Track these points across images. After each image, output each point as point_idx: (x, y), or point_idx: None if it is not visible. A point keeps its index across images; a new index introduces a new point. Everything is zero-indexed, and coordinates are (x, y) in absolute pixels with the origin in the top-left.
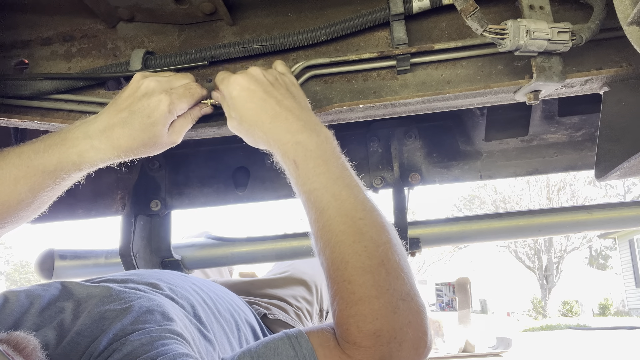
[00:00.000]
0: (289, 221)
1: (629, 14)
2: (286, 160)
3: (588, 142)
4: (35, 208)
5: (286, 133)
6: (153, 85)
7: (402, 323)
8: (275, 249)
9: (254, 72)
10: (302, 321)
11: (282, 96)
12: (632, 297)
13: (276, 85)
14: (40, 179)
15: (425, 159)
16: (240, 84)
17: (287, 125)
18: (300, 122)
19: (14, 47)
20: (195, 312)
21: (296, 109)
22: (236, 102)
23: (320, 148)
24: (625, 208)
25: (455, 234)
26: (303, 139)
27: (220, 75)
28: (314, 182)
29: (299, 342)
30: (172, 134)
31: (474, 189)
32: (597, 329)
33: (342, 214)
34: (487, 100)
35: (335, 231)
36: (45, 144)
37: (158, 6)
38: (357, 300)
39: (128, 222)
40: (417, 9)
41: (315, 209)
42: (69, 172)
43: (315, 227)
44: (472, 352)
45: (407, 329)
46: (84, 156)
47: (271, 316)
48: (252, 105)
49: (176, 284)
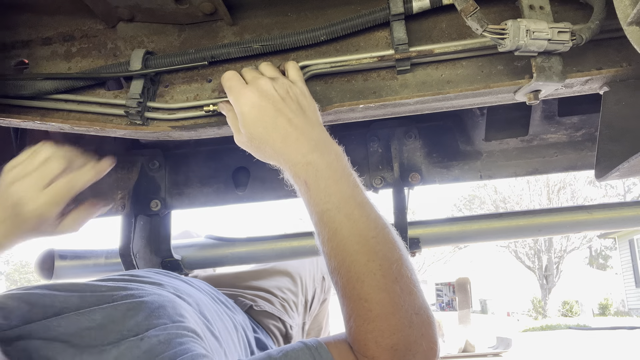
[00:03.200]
0: (289, 221)
1: (629, 14)
2: (297, 180)
3: (588, 142)
4: None
5: (297, 154)
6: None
7: (416, 336)
8: (275, 249)
9: (265, 86)
10: (287, 312)
11: (293, 114)
12: (632, 297)
13: (287, 101)
14: None
15: (425, 159)
16: (251, 100)
17: (298, 145)
18: (312, 143)
19: (14, 47)
20: (201, 309)
21: (307, 127)
22: (246, 120)
23: (331, 167)
24: (625, 208)
25: (455, 234)
26: (314, 160)
27: (228, 82)
28: (326, 202)
29: (319, 353)
30: (63, 228)
31: (474, 189)
32: (597, 329)
33: (355, 233)
34: (487, 100)
35: (350, 251)
36: None
37: (158, 6)
38: (374, 317)
39: (128, 222)
40: (417, 9)
41: (328, 229)
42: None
43: (328, 247)
44: (472, 352)
45: (421, 341)
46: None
47: (257, 308)
48: (263, 125)
49: (176, 283)
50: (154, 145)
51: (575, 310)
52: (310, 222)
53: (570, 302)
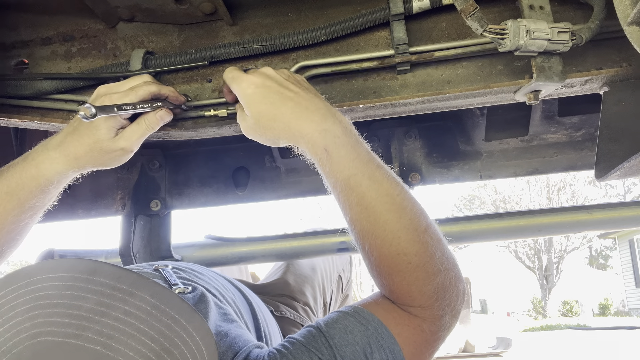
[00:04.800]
0: (289, 221)
1: (629, 14)
2: (316, 149)
3: (588, 142)
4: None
5: (310, 122)
6: (99, 91)
7: (450, 278)
8: (275, 249)
9: (267, 71)
10: (309, 317)
11: (297, 88)
12: (632, 297)
13: (290, 80)
14: (5, 202)
15: (425, 159)
16: (255, 82)
17: (309, 114)
18: (322, 111)
19: (14, 47)
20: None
21: (313, 99)
22: (253, 100)
23: (346, 134)
24: (625, 208)
25: (455, 234)
26: (329, 127)
27: (229, 74)
28: (350, 168)
29: (364, 317)
30: (119, 140)
31: (474, 189)
32: (597, 329)
33: (383, 194)
34: (487, 100)
35: (381, 210)
36: (9, 166)
37: (158, 6)
38: (414, 268)
39: (128, 222)
40: (417, 9)
41: (355, 193)
42: (30, 189)
43: (356, 211)
44: (472, 352)
45: (455, 281)
46: (40, 167)
47: (277, 314)
48: (270, 100)
49: (201, 271)
50: (154, 145)
51: (575, 310)
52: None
53: (570, 302)
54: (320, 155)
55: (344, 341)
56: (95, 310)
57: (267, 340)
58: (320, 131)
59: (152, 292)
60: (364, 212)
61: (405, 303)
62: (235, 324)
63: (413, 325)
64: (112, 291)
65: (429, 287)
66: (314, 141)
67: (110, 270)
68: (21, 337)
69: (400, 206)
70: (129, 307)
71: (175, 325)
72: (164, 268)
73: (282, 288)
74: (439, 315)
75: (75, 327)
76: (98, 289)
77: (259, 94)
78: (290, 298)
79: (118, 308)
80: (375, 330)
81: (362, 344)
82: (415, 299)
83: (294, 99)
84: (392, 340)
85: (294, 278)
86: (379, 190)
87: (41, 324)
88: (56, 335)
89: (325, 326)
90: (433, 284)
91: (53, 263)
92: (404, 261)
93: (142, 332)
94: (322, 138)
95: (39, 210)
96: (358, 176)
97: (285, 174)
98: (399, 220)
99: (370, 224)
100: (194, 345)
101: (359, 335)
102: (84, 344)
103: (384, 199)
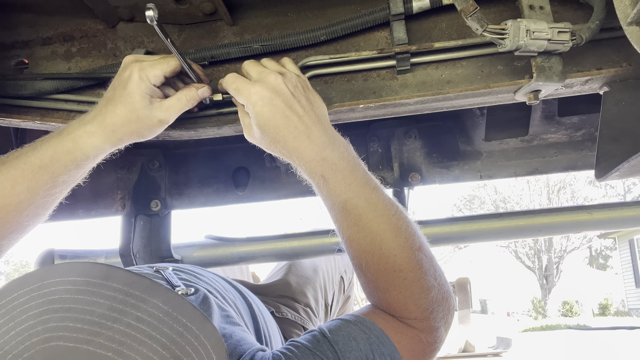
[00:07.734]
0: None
1: (629, 14)
2: (313, 175)
3: (588, 142)
4: (36, 213)
5: (310, 151)
6: (129, 59)
7: (441, 292)
8: (275, 249)
9: (275, 82)
10: (310, 319)
11: (303, 110)
12: (632, 297)
13: (297, 96)
14: (38, 175)
15: (425, 159)
16: (263, 98)
17: (310, 143)
18: (323, 139)
19: (14, 47)
20: (225, 299)
21: (317, 124)
22: (259, 120)
23: (344, 159)
24: (625, 208)
25: (455, 234)
26: (327, 155)
27: (233, 84)
28: (346, 192)
29: (366, 325)
30: (157, 110)
31: (474, 189)
32: (597, 329)
33: (379, 215)
34: (487, 100)
35: (378, 231)
36: (42, 139)
37: (158, 6)
38: (409, 283)
39: (128, 222)
40: (417, 9)
41: (352, 215)
42: (65, 163)
43: (353, 231)
44: (472, 352)
45: (446, 295)
46: (78, 141)
47: (279, 314)
48: (275, 124)
49: (200, 272)
50: (154, 145)
51: (575, 310)
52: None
53: (570, 302)
54: (318, 181)
55: (348, 347)
56: (107, 316)
57: (267, 342)
58: (318, 160)
59: (165, 298)
60: (361, 232)
61: (403, 316)
62: (239, 328)
63: (411, 334)
64: (124, 297)
65: (424, 301)
66: (312, 168)
67: (123, 275)
68: (33, 341)
69: (396, 226)
70: (141, 314)
71: (186, 332)
72: (165, 269)
73: (283, 289)
74: (435, 327)
75: (87, 332)
76: (111, 294)
77: (266, 114)
78: (291, 299)
79: (130, 314)
80: (377, 338)
81: (365, 351)
82: (411, 312)
83: (298, 125)
84: (393, 348)
85: (295, 279)
86: (375, 211)
87: (53, 328)
88: (68, 341)
89: (329, 332)
90: (428, 298)
91: (66, 266)
92: (400, 277)
93: (154, 339)
94: (319, 166)
95: (70, 186)
96: (355, 199)
97: (285, 174)
98: (394, 239)
99: (367, 244)
100: (204, 353)
101: (362, 342)
102: (96, 349)
103: (380, 220)
